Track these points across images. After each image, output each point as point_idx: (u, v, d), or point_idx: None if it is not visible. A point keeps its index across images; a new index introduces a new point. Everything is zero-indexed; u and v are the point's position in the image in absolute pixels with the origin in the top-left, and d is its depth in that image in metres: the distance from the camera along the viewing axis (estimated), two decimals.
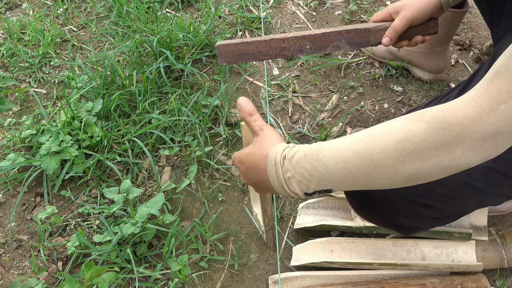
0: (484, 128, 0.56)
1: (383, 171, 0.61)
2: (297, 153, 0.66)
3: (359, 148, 0.61)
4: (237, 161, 0.77)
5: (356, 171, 0.62)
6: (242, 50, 0.98)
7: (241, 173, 0.77)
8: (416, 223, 0.87)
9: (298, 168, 0.65)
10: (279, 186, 0.68)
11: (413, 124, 0.59)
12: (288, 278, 1.06)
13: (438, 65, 1.46)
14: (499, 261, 1.08)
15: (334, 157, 0.63)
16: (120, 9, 1.73)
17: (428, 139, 0.58)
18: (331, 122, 1.43)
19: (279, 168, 0.67)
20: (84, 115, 1.35)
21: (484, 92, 0.57)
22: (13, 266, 1.17)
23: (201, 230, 1.18)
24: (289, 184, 0.67)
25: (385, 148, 0.60)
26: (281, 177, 0.67)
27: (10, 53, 1.68)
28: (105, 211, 1.19)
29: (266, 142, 0.73)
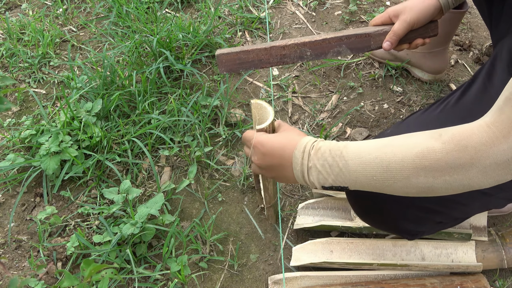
0: (498, 154, 0.59)
1: (397, 180, 0.65)
2: (323, 146, 0.72)
3: (379, 155, 0.66)
4: (257, 142, 0.80)
5: (373, 175, 0.67)
6: (242, 58, 0.98)
7: (257, 154, 0.80)
8: (420, 228, 0.86)
9: (322, 160, 0.70)
10: (300, 172, 0.73)
11: (431, 142, 0.63)
12: (288, 279, 1.06)
13: (438, 66, 1.46)
14: (498, 261, 1.08)
15: (356, 157, 0.68)
16: (120, 10, 1.73)
17: (443, 159, 0.62)
18: (330, 122, 1.43)
19: (306, 156, 0.72)
20: (83, 116, 1.35)
21: (497, 119, 0.60)
22: (13, 266, 1.17)
23: (200, 231, 1.18)
24: (309, 173, 0.72)
25: (403, 160, 0.64)
26: (306, 164, 0.72)
27: (10, 53, 1.68)
28: (105, 211, 1.18)
29: (293, 132, 0.79)
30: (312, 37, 1.00)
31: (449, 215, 0.85)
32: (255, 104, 0.86)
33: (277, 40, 1.06)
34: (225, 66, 0.99)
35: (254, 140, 0.81)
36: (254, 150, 0.81)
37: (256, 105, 0.86)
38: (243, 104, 1.49)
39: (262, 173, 0.85)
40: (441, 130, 0.64)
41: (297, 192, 1.28)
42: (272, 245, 1.18)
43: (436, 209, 0.82)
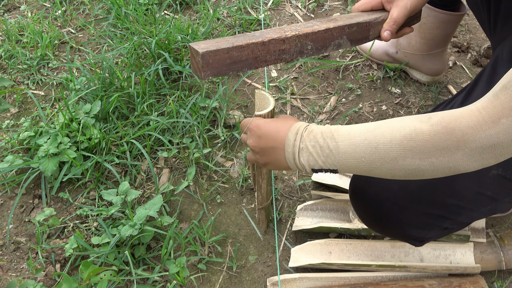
0: (484, 138, 0.59)
1: (385, 161, 0.66)
2: (316, 129, 0.73)
3: (368, 137, 0.67)
4: (254, 125, 0.81)
5: (362, 156, 0.67)
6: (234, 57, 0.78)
7: (253, 137, 0.81)
8: (428, 234, 0.86)
9: (313, 142, 0.71)
10: (291, 154, 0.74)
11: (419, 125, 0.63)
12: (287, 280, 1.06)
13: (436, 67, 1.46)
14: (497, 263, 1.08)
15: (346, 139, 0.69)
16: (119, 11, 1.73)
17: (430, 141, 0.62)
18: (329, 124, 1.43)
19: (298, 137, 0.73)
20: (82, 117, 1.35)
21: (489, 105, 0.60)
22: (11, 268, 1.17)
23: (199, 232, 1.18)
24: (300, 155, 0.73)
25: (391, 141, 0.65)
26: (297, 145, 0.73)
27: (8, 55, 1.68)
28: (103, 213, 1.18)
29: (290, 118, 0.80)
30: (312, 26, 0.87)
31: (456, 221, 0.85)
32: (258, 93, 0.88)
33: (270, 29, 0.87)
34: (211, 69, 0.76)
35: (251, 123, 0.82)
36: (251, 133, 0.82)
37: (260, 94, 0.88)
38: (242, 106, 1.49)
39: (255, 158, 0.84)
40: (431, 114, 0.65)
41: (296, 193, 1.28)
42: (270, 247, 1.18)
43: (444, 215, 0.82)
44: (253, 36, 0.80)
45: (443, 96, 1.48)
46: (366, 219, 0.91)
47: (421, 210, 0.81)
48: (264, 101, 0.88)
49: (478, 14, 1.05)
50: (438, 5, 1.28)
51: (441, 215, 0.82)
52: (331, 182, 1.22)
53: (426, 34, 1.35)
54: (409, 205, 0.81)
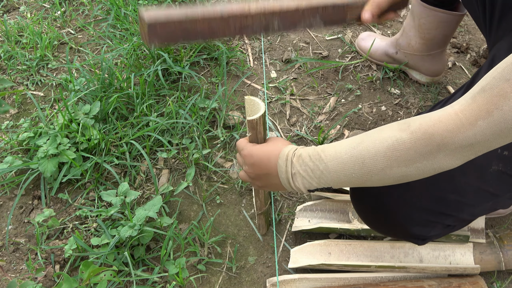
0: (462, 140, 0.62)
1: (374, 174, 0.69)
2: (303, 152, 0.75)
3: (354, 153, 0.70)
4: (247, 153, 0.84)
5: (351, 172, 0.71)
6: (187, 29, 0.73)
7: (247, 164, 0.84)
8: (430, 231, 0.86)
9: (303, 166, 0.74)
10: (285, 179, 0.77)
11: (400, 134, 0.66)
12: (286, 281, 1.06)
13: (435, 68, 1.46)
14: (496, 263, 1.08)
15: (333, 159, 0.72)
16: (118, 12, 1.73)
17: (412, 148, 0.65)
18: (328, 124, 1.43)
19: (289, 164, 0.76)
20: (81, 118, 1.35)
21: (466, 108, 0.62)
22: (10, 269, 1.17)
23: (198, 233, 1.18)
24: (294, 180, 0.76)
25: (376, 154, 0.68)
26: (289, 171, 0.76)
27: (8, 55, 1.68)
28: (103, 214, 1.18)
29: (278, 141, 0.83)
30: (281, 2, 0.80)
31: (458, 218, 0.85)
32: (248, 99, 0.90)
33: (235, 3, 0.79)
34: (159, 38, 0.73)
35: (245, 151, 0.85)
36: (245, 160, 0.85)
37: (249, 100, 0.90)
38: (241, 107, 1.49)
39: (252, 183, 0.88)
40: (410, 120, 0.67)
41: (295, 194, 1.28)
42: (270, 248, 1.18)
43: (446, 212, 0.82)
44: (213, 11, 0.74)
45: (442, 97, 1.48)
46: (368, 219, 0.91)
47: (423, 208, 0.81)
48: (254, 106, 0.89)
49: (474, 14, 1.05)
50: (436, 5, 1.28)
51: (443, 212, 0.82)
52: None
53: (425, 34, 1.35)
54: (411, 203, 0.81)
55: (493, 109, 0.59)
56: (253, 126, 0.87)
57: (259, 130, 0.88)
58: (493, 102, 0.59)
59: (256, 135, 0.89)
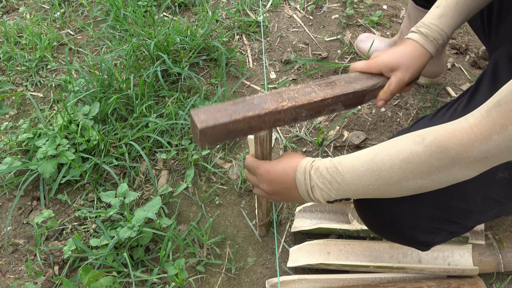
0: (477, 154, 0.63)
1: (390, 185, 0.71)
2: (320, 165, 0.77)
3: (370, 165, 0.72)
4: (263, 171, 0.85)
5: (368, 184, 0.73)
6: (231, 129, 0.81)
7: (265, 182, 0.85)
8: (435, 238, 0.86)
9: (321, 179, 0.76)
10: (305, 192, 0.79)
11: (414, 147, 0.68)
12: (286, 282, 1.06)
13: (434, 70, 1.46)
14: (495, 265, 1.08)
15: (350, 171, 0.74)
16: (117, 13, 1.73)
17: (427, 161, 0.67)
18: (328, 125, 1.44)
19: (307, 177, 0.78)
20: (81, 119, 1.35)
21: (481, 122, 0.63)
22: (9, 270, 1.17)
23: (198, 234, 1.18)
24: (313, 192, 0.78)
25: (392, 167, 0.70)
26: (308, 184, 0.77)
27: (7, 56, 1.68)
28: (102, 215, 1.18)
29: (293, 155, 0.84)
30: (309, 93, 0.88)
31: (463, 225, 0.85)
32: (251, 139, 0.95)
33: (268, 93, 0.87)
34: (209, 141, 0.81)
35: (261, 170, 0.85)
36: (261, 178, 0.86)
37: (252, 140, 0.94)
38: None
39: (270, 198, 0.89)
40: (424, 133, 0.69)
41: None
42: (269, 249, 1.18)
43: (452, 219, 0.82)
44: (251, 106, 0.82)
45: (441, 98, 1.49)
46: (373, 225, 0.90)
47: (429, 215, 0.81)
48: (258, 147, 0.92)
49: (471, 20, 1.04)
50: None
51: (448, 219, 0.82)
52: None
53: None
54: (417, 210, 0.81)
55: (508, 124, 0.59)
56: (260, 142, 0.89)
57: (266, 146, 0.90)
58: (509, 117, 0.59)
59: (262, 150, 0.91)
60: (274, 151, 1.38)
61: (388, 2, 1.86)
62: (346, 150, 1.37)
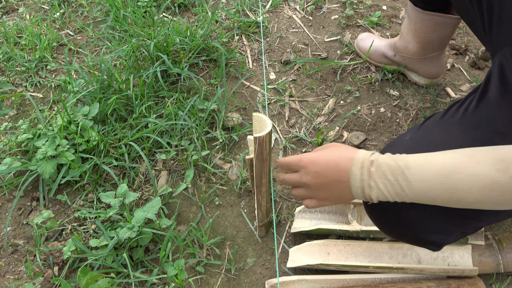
0: None
1: (462, 204, 0.69)
2: (383, 163, 0.72)
3: (444, 181, 0.69)
4: (308, 161, 0.78)
5: (435, 197, 0.70)
6: None
7: (310, 173, 0.78)
8: (446, 239, 0.85)
9: (382, 179, 0.72)
10: (359, 188, 0.74)
11: (498, 176, 0.66)
12: (285, 282, 1.06)
13: (434, 70, 1.46)
14: (495, 265, 1.08)
15: (420, 180, 0.70)
16: (117, 13, 1.73)
17: (509, 192, 0.65)
18: (327, 126, 1.44)
19: (366, 172, 0.73)
20: (80, 119, 1.35)
21: None
22: (9, 271, 1.17)
23: (197, 235, 1.18)
24: (370, 189, 0.73)
25: (470, 189, 0.67)
26: (365, 180, 0.73)
27: (7, 57, 1.68)
28: (102, 215, 1.18)
29: (342, 146, 0.78)
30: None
31: (476, 226, 0.84)
32: (256, 116, 0.93)
33: None
34: None
35: (305, 160, 0.79)
36: (306, 170, 0.79)
37: (257, 117, 0.93)
38: (240, 108, 1.49)
39: (311, 195, 0.82)
40: (507, 158, 0.66)
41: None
42: (269, 249, 1.18)
43: (465, 220, 0.81)
44: None
45: (441, 99, 1.49)
46: (383, 225, 0.88)
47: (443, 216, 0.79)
48: (262, 123, 0.93)
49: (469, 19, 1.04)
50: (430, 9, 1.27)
51: (462, 220, 0.80)
52: None
53: (422, 38, 1.35)
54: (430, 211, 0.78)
55: None
56: (260, 143, 0.90)
57: (265, 147, 0.91)
58: None
59: (262, 151, 0.92)
60: (274, 151, 1.38)
61: (387, 2, 1.86)
62: None
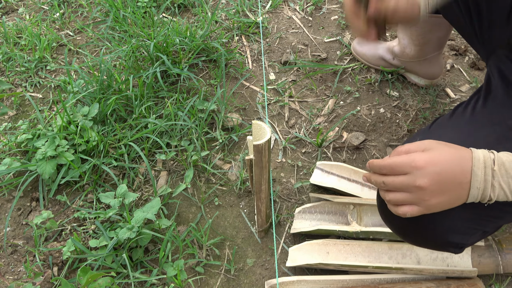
0: None
1: None
2: (506, 161, 0.67)
3: None
4: (424, 162, 0.70)
5: None
6: None
7: (429, 174, 0.69)
8: (470, 239, 0.82)
9: (505, 177, 0.67)
10: (480, 190, 0.68)
11: None
12: (285, 283, 1.06)
13: (433, 71, 1.46)
14: (494, 266, 1.08)
15: None
16: (117, 14, 1.73)
17: None
18: (327, 126, 1.44)
19: (489, 172, 0.68)
20: (80, 120, 1.35)
21: None
22: (8, 271, 1.17)
23: (197, 235, 1.18)
24: (492, 190, 0.68)
25: None
26: (489, 181, 0.68)
27: (6, 57, 1.68)
28: (101, 216, 1.18)
29: (451, 145, 0.72)
30: None
31: (497, 224, 0.82)
32: (255, 124, 0.95)
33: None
34: None
35: (421, 161, 0.70)
36: (423, 171, 0.70)
37: (256, 125, 0.95)
38: (240, 109, 1.49)
39: (419, 200, 0.72)
40: None
41: (294, 196, 1.28)
42: (268, 250, 1.18)
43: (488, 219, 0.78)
44: None
45: (440, 99, 1.49)
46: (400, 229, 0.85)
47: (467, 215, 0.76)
48: (261, 131, 0.94)
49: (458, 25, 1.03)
50: None
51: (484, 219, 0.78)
52: (330, 185, 1.23)
53: (419, 40, 1.35)
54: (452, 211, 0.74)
55: None
56: (259, 151, 0.91)
57: (264, 154, 0.92)
58: None
59: (261, 158, 0.93)
60: (274, 151, 1.38)
61: None
62: (346, 151, 1.37)
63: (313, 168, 1.32)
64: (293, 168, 1.34)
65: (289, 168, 1.34)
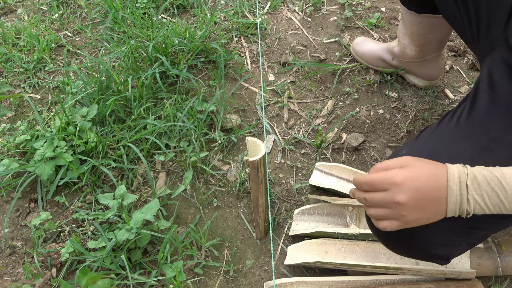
0: None
1: None
2: (478, 175, 0.69)
3: None
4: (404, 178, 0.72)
5: None
6: None
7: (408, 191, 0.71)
8: (454, 250, 0.83)
9: (478, 191, 0.69)
10: (456, 205, 0.70)
11: None
12: (284, 284, 1.06)
13: (432, 72, 1.46)
14: (494, 268, 1.08)
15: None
16: (116, 15, 1.73)
17: None
18: (326, 127, 1.44)
19: (464, 187, 0.70)
20: (79, 121, 1.35)
21: None
22: (7, 272, 1.16)
23: (196, 236, 1.18)
24: (468, 204, 0.70)
25: None
26: (464, 195, 0.70)
27: (5, 58, 1.67)
28: (100, 217, 1.18)
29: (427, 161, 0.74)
30: None
31: (480, 235, 0.83)
32: (249, 141, 0.96)
33: None
34: None
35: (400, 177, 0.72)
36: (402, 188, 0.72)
37: (251, 141, 0.96)
38: (239, 110, 1.49)
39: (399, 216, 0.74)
40: None
41: (293, 197, 1.28)
42: (268, 251, 1.18)
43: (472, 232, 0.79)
44: None
45: (440, 100, 1.49)
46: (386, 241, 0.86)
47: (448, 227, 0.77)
48: (256, 147, 0.95)
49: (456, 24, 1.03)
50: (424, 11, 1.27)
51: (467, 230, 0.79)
52: (329, 186, 1.22)
53: (420, 40, 1.35)
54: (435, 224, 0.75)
55: None
56: (254, 166, 0.92)
57: (260, 169, 0.93)
58: None
59: (257, 174, 0.94)
60: (273, 153, 1.38)
61: (386, 4, 1.86)
62: (345, 152, 1.37)
63: (312, 169, 1.32)
64: (292, 169, 1.34)
65: (288, 169, 1.34)
